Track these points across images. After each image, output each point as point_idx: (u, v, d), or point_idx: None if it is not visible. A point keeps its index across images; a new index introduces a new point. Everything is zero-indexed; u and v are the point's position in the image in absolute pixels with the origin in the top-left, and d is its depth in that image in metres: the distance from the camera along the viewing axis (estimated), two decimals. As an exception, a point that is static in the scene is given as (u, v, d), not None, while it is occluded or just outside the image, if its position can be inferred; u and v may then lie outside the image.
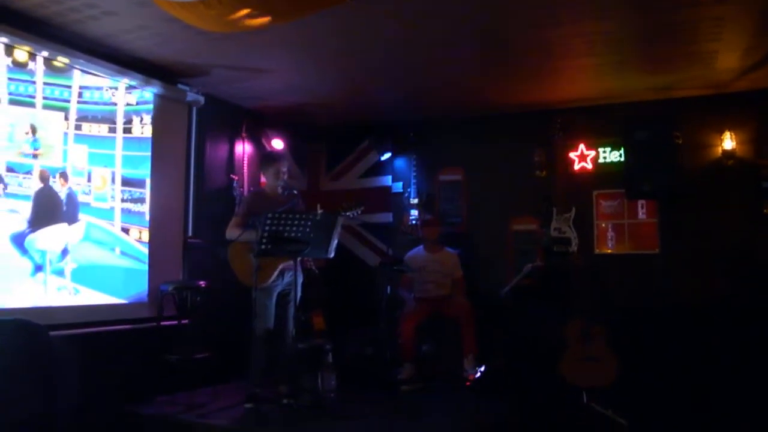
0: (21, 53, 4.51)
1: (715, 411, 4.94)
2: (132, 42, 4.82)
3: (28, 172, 4.59)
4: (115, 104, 5.32)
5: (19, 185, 4.50)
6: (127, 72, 5.16)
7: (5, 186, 4.39)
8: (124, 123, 5.40)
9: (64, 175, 4.85)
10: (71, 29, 4.55)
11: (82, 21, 4.40)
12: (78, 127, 5.02)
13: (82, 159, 5.04)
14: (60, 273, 4.78)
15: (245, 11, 3.24)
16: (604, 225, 6.48)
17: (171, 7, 3.40)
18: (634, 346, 5.55)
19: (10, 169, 4.46)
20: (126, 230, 5.36)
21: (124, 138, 5.39)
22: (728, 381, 5.29)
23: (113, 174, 5.31)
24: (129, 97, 5.41)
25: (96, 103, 5.17)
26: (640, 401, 5.14)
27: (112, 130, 5.31)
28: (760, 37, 4.68)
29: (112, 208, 5.29)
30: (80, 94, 5.04)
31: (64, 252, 4.81)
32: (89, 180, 5.09)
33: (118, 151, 5.34)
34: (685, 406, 5.06)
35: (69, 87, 4.94)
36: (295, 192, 5.14)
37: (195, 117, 5.92)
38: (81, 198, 5.02)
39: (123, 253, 5.31)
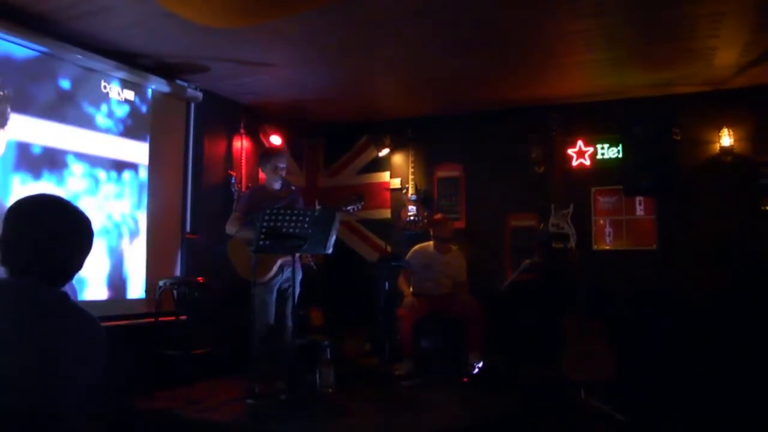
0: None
1: (713, 405, 4.94)
2: (129, 38, 4.80)
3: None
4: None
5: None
6: (124, 68, 5.12)
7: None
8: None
9: None
10: (68, 25, 4.52)
11: (79, 16, 4.38)
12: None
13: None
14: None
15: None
16: (602, 221, 6.48)
17: (168, 1, 3.39)
18: (632, 341, 5.56)
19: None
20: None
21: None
22: (726, 376, 5.29)
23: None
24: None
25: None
26: (638, 396, 5.14)
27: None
28: (759, 33, 4.67)
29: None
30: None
31: None
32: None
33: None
34: (683, 401, 5.06)
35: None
36: (294, 188, 5.14)
37: (193, 113, 5.91)
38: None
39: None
